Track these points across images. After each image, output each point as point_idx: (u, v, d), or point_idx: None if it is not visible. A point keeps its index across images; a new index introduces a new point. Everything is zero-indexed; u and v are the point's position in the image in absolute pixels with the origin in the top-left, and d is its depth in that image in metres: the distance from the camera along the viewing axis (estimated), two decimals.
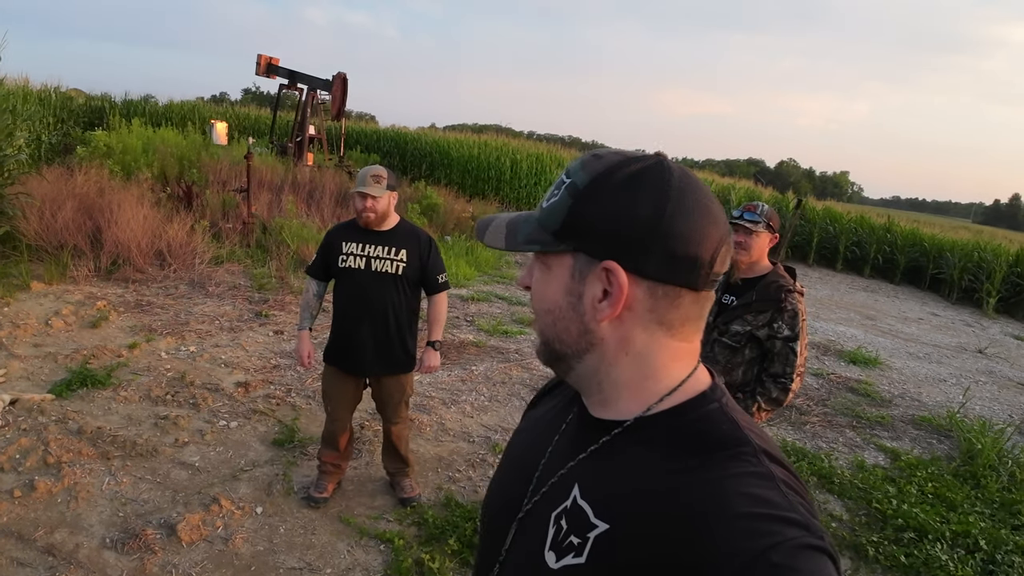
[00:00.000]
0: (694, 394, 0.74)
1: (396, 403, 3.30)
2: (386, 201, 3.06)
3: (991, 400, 6.81)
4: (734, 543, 0.59)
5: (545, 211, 0.76)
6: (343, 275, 3.13)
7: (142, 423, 3.94)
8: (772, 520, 0.60)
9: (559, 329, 0.76)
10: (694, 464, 0.67)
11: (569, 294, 0.74)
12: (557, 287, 0.75)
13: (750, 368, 2.71)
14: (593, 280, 0.73)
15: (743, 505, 0.62)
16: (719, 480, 0.65)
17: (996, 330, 11.53)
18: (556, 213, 0.74)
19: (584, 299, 0.73)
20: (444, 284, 3.27)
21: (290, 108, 21.32)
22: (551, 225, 0.75)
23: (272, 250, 8.21)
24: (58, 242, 7.03)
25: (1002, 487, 4.39)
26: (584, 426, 0.79)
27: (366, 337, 3.12)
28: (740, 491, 0.63)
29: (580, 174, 0.74)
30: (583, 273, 0.73)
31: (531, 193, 19.33)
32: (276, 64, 15.96)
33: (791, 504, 0.62)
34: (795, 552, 0.58)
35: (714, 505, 0.63)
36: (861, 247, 16.43)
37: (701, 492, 0.64)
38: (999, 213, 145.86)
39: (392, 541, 3.05)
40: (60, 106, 16.85)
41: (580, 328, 0.75)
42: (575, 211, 0.73)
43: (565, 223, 0.73)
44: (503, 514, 0.84)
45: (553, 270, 0.76)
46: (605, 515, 0.70)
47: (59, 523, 2.97)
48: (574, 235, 0.73)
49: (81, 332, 5.30)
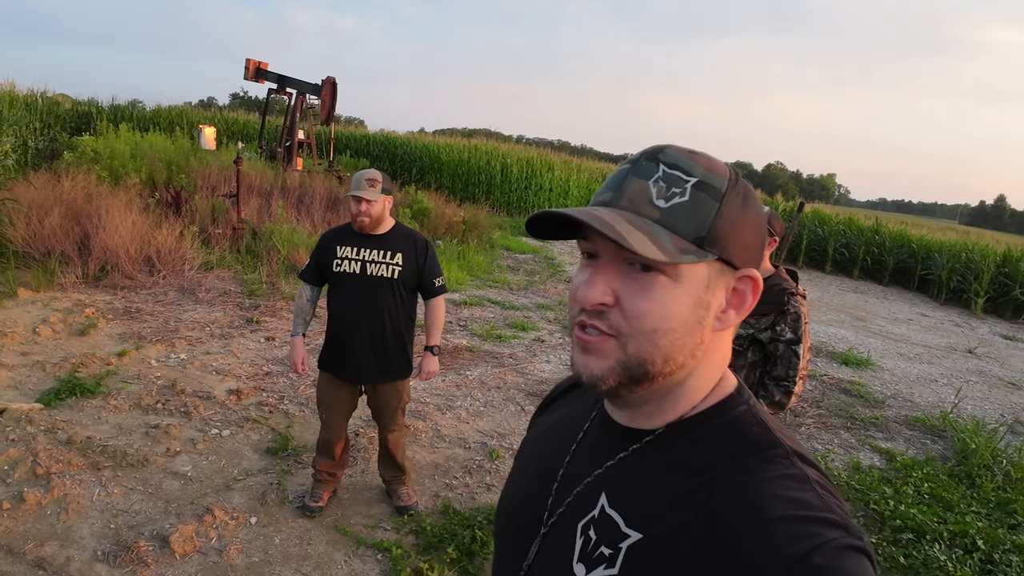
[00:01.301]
0: (723, 396, 0.73)
1: (393, 410, 3.26)
2: (381, 205, 3.02)
3: (982, 400, 6.85)
4: (776, 547, 0.58)
5: (671, 212, 0.66)
6: (337, 280, 3.08)
7: (133, 432, 3.88)
8: (812, 522, 0.60)
9: (674, 348, 0.67)
10: (728, 469, 0.66)
11: (698, 307, 0.68)
12: (686, 301, 0.67)
13: (752, 371, 2.70)
14: (720, 289, 0.69)
15: (781, 508, 0.61)
16: (755, 484, 0.64)
17: (985, 330, 11.61)
18: (696, 217, 0.66)
19: (711, 311, 0.69)
20: (441, 288, 3.22)
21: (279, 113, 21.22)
22: (692, 230, 0.66)
23: (262, 255, 8.14)
24: (45, 249, 6.93)
25: (997, 487, 4.41)
26: (610, 432, 0.77)
27: (361, 343, 3.08)
28: (777, 494, 0.62)
29: (709, 175, 0.67)
30: (714, 283, 0.68)
31: (522, 197, 19.36)
32: (265, 68, 15.87)
33: (828, 505, 0.62)
34: (837, 553, 0.58)
35: (752, 510, 0.62)
36: (850, 249, 16.54)
37: (738, 497, 0.63)
38: (985, 214, 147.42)
39: (390, 550, 3.01)
40: (47, 111, 16.72)
41: (696, 342, 0.69)
42: (723, 216, 0.67)
43: (714, 228, 0.67)
44: (523, 525, 0.81)
45: (684, 282, 0.67)
46: (637, 524, 0.68)
47: (49, 535, 2.91)
48: (718, 242, 0.67)
49: (69, 340, 5.22)
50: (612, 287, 0.67)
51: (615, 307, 0.67)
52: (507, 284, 9.44)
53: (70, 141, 15.11)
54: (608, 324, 0.67)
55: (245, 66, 15.68)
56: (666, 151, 0.69)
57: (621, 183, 0.69)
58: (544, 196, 19.49)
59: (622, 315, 0.67)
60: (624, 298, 0.67)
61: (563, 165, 20.81)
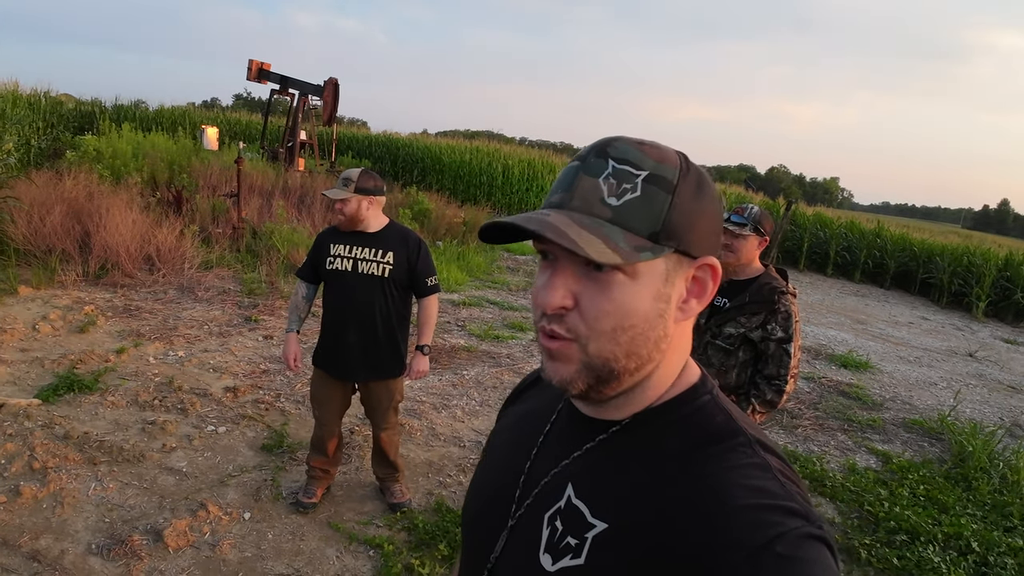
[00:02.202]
0: (687, 386, 0.73)
1: (385, 409, 3.26)
2: (355, 204, 3.00)
3: (981, 403, 6.83)
4: (738, 535, 0.59)
5: (623, 210, 0.65)
6: (330, 277, 3.10)
7: (129, 428, 3.89)
8: (773, 510, 0.60)
9: (635, 344, 0.67)
10: (691, 458, 0.67)
11: (659, 300, 0.67)
12: (645, 296, 0.66)
13: (744, 370, 2.70)
14: (680, 280, 0.69)
15: (744, 497, 0.61)
16: (718, 473, 0.64)
17: (986, 334, 11.59)
18: (650, 212, 0.65)
19: (671, 302, 0.68)
20: (434, 287, 3.22)
21: (281, 114, 21.28)
22: (646, 226, 0.65)
23: (262, 255, 8.16)
24: (46, 246, 6.97)
25: (994, 489, 4.40)
26: (576, 424, 0.77)
27: (353, 341, 3.08)
28: (739, 483, 0.63)
29: (660, 166, 0.66)
30: (673, 274, 0.68)
31: (523, 199, 19.37)
32: (267, 69, 15.93)
33: (789, 493, 0.62)
34: (799, 542, 0.58)
35: (715, 498, 0.62)
36: (851, 252, 16.51)
37: (701, 486, 0.64)
38: (987, 218, 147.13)
39: (382, 546, 3.02)
40: (50, 110, 16.79)
41: (659, 335, 0.68)
42: (677, 208, 0.66)
43: (668, 222, 0.66)
44: (490, 516, 0.81)
45: (642, 278, 0.66)
46: (603, 514, 0.68)
47: (44, 529, 2.92)
48: (673, 234, 0.66)
49: (69, 337, 5.24)
50: (571, 290, 0.67)
51: (574, 309, 0.67)
52: (506, 285, 9.45)
53: (73, 140, 15.19)
54: (566, 327, 0.67)
55: (248, 67, 15.75)
56: (614, 144, 0.68)
57: (571, 182, 0.68)
58: (545, 197, 19.48)
59: (581, 317, 0.66)
60: (583, 299, 0.66)
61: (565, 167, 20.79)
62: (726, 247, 2.67)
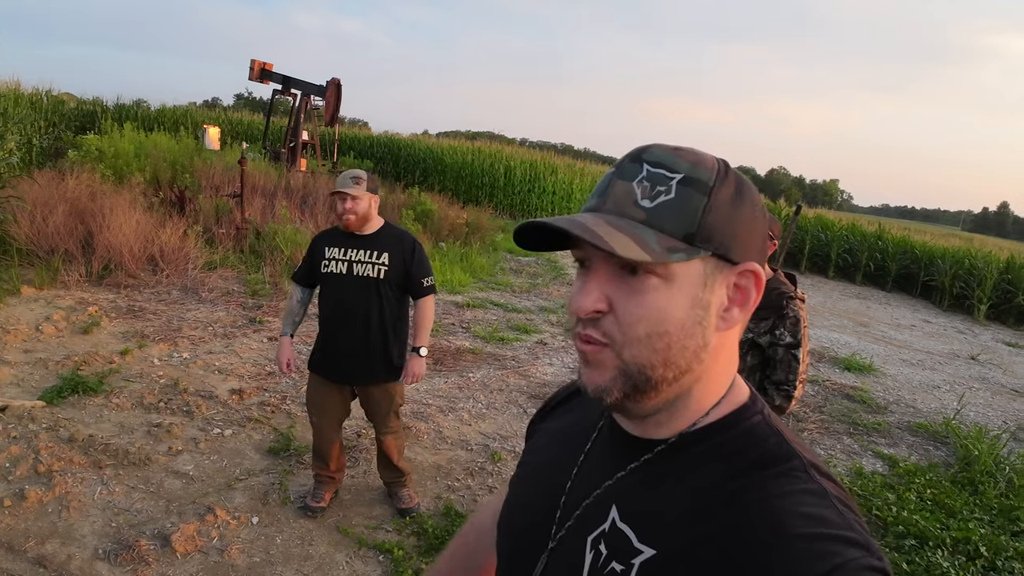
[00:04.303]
0: (737, 405, 0.71)
1: (384, 413, 3.22)
2: (367, 202, 2.99)
3: (985, 406, 6.83)
4: (795, 566, 0.56)
5: (657, 211, 0.64)
6: (326, 280, 3.07)
7: (135, 431, 3.88)
8: (831, 540, 0.58)
9: (672, 351, 0.65)
10: (744, 483, 0.64)
11: (696, 307, 0.65)
12: (682, 301, 0.65)
13: (752, 376, 2.69)
14: (720, 286, 0.67)
15: (800, 526, 0.59)
16: (772, 499, 0.61)
17: (988, 337, 11.58)
18: (685, 213, 0.64)
19: (711, 310, 0.66)
20: (430, 288, 3.17)
21: (283, 114, 21.28)
22: (681, 227, 0.64)
23: (266, 256, 8.15)
24: (49, 246, 6.95)
25: (1000, 493, 4.39)
26: (619, 443, 0.75)
27: (349, 345, 3.05)
28: (795, 510, 0.60)
29: (696, 169, 0.65)
30: (711, 280, 0.66)
31: (525, 200, 19.37)
32: (270, 69, 15.92)
33: (848, 522, 0.60)
34: (857, 574, 0.56)
35: (769, 527, 0.59)
36: (853, 254, 16.53)
37: (754, 513, 0.61)
38: (987, 221, 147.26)
39: (391, 551, 3.01)
40: (52, 110, 16.78)
41: (700, 344, 0.66)
42: (713, 210, 0.65)
43: (704, 224, 0.64)
44: (529, 537, 0.79)
45: (677, 282, 0.64)
46: (650, 540, 0.66)
47: (50, 533, 2.91)
48: (710, 237, 0.64)
49: (72, 338, 5.23)
50: (605, 293, 0.66)
51: (609, 313, 0.66)
52: (510, 286, 9.43)
53: (74, 140, 15.18)
54: (602, 332, 0.66)
55: (250, 67, 15.74)
56: (650, 150, 0.67)
57: (606, 188, 0.68)
58: (547, 199, 19.48)
59: (616, 321, 0.65)
60: (617, 303, 0.65)
61: (566, 168, 20.78)
62: None
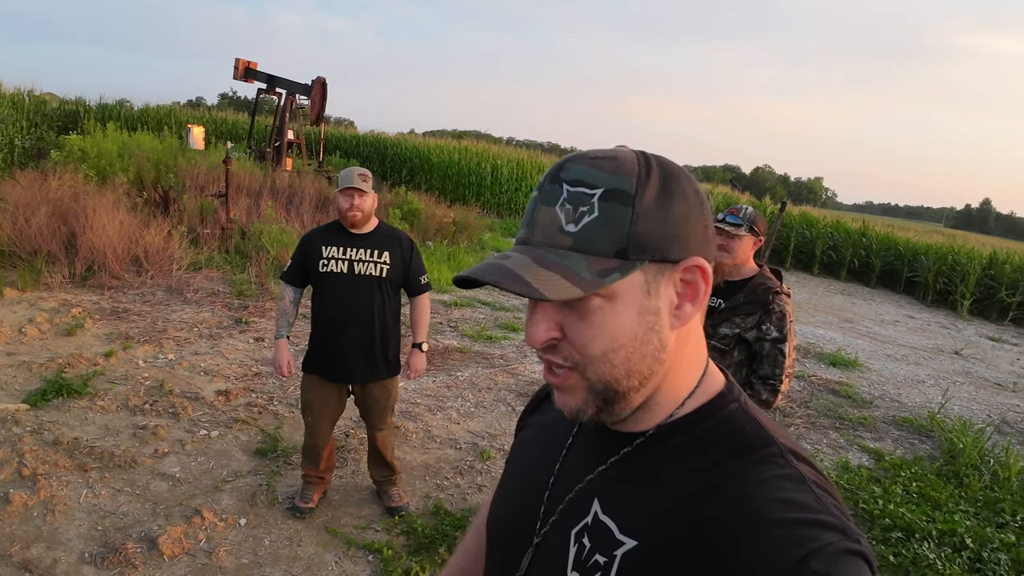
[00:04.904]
0: (713, 394, 0.71)
1: (382, 409, 3.25)
2: (371, 200, 3.05)
3: (969, 400, 6.90)
4: (771, 552, 0.57)
5: (583, 235, 0.63)
6: (324, 280, 3.06)
7: (120, 433, 3.84)
8: (808, 525, 0.58)
9: (633, 362, 0.66)
10: (722, 471, 0.64)
11: (645, 314, 0.65)
12: (629, 314, 0.64)
13: (739, 371, 2.71)
14: (667, 286, 0.66)
15: (777, 511, 0.59)
16: (750, 485, 0.62)
17: (971, 331, 11.72)
18: (612, 229, 0.62)
19: (661, 313, 0.66)
20: (426, 285, 3.25)
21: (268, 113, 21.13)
22: (610, 245, 0.63)
23: (251, 256, 8.10)
24: (32, 248, 6.87)
25: (985, 486, 4.44)
26: (600, 437, 0.75)
27: (350, 343, 3.06)
28: (772, 496, 0.61)
29: (615, 179, 0.63)
30: (654, 285, 0.65)
31: (512, 199, 19.38)
32: (254, 68, 15.80)
33: (825, 506, 0.60)
34: (834, 558, 0.56)
35: (747, 513, 0.60)
36: (837, 251, 16.66)
37: (732, 500, 0.62)
38: (970, 217, 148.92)
39: (381, 551, 3.00)
40: (34, 110, 16.58)
41: (657, 347, 0.66)
42: (641, 218, 0.63)
43: (633, 235, 0.63)
44: (514, 532, 0.80)
45: (620, 297, 0.64)
46: (631, 531, 0.66)
47: (36, 538, 2.87)
48: (643, 246, 0.63)
49: (56, 340, 5.17)
50: (555, 322, 0.66)
51: (564, 340, 0.66)
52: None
53: (57, 140, 14.99)
54: (563, 356, 0.67)
55: (234, 66, 15.61)
56: (567, 167, 0.66)
57: (531, 215, 0.67)
58: None
59: (571, 346, 0.66)
60: (567, 329, 0.66)
61: None
62: (721, 248, 2.67)
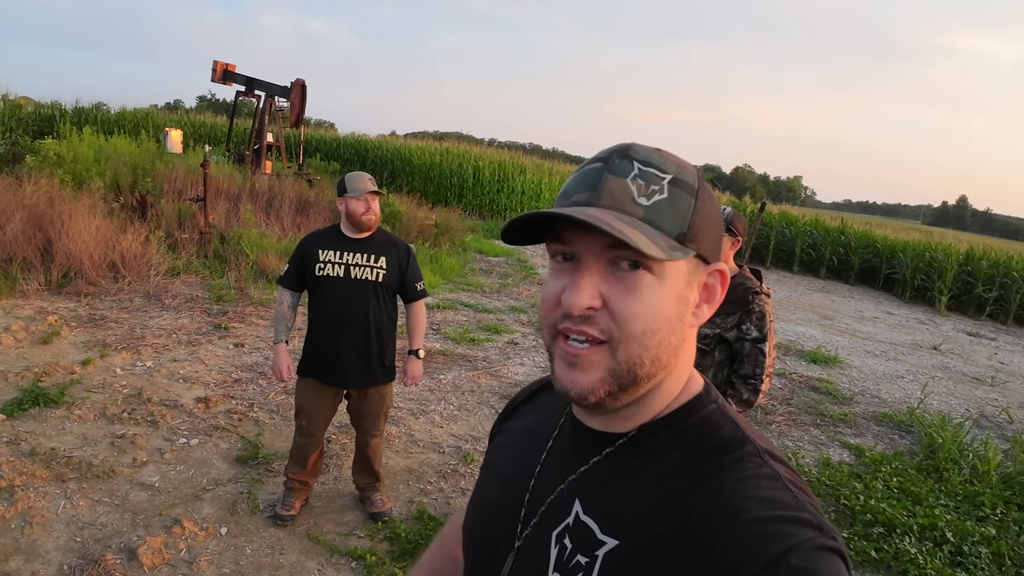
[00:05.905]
0: (692, 395, 0.72)
1: (376, 415, 3.23)
2: (378, 205, 3.09)
3: (948, 395, 7.00)
4: (751, 548, 0.58)
5: (654, 210, 0.65)
6: (321, 284, 3.05)
7: (98, 443, 3.78)
8: (786, 522, 0.60)
9: (661, 348, 0.66)
10: (701, 470, 0.66)
11: (680, 303, 0.67)
12: (670, 298, 0.66)
13: (720, 370, 2.73)
14: (696, 285, 0.69)
15: (755, 509, 0.61)
16: (728, 484, 0.64)
17: (949, 327, 11.88)
18: (677, 214, 0.66)
19: (689, 307, 0.69)
20: (423, 292, 3.26)
21: (247, 116, 20.96)
22: (674, 227, 0.65)
23: (231, 260, 8.02)
24: (6, 255, 6.75)
25: (964, 480, 4.50)
26: (582, 438, 0.75)
27: (347, 347, 3.06)
28: (750, 494, 0.62)
29: (681, 172, 0.67)
30: (691, 278, 0.68)
31: (494, 200, 19.37)
32: (233, 71, 15.66)
33: (801, 504, 0.62)
34: (812, 554, 0.58)
35: (726, 511, 0.61)
36: (816, 249, 16.85)
37: (711, 499, 0.63)
38: (947, 215, 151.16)
39: (364, 558, 2.98)
40: (8, 114, 16.36)
41: (679, 340, 0.68)
42: (699, 212, 0.67)
43: (693, 225, 0.66)
44: (494, 537, 0.79)
45: (667, 279, 0.66)
46: (612, 531, 0.67)
47: (13, 550, 2.82)
48: (697, 238, 0.67)
49: (32, 348, 5.08)
50: (599, 290, 0.65)
51: (603, 310, 0.65)
52: (480, 287, 9.42)
53: (32, 144, 14.73)
54: (599, 329, 0.65)
55: (212, 68, 15.47)
56: (635, 148, 0.68)
57: (596, 182, 0.66)
58: (516, 199, 19.52)
59: (612, 319, 0.65)
60: (612, 300, 0.65)
61: (535, 168, 20.85)
62: None
